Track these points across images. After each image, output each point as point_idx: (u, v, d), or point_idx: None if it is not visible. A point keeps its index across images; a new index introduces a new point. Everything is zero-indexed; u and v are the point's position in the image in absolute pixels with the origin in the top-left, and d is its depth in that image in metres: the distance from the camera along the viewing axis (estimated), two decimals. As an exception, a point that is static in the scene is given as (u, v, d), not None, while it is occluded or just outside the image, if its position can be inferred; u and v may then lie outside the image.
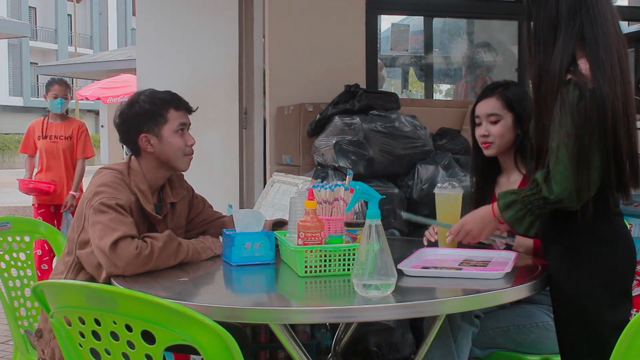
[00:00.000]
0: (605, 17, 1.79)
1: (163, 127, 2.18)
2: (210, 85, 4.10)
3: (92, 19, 36.07)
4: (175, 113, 2.21)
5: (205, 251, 2.15)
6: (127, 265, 1.90)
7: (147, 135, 2.17)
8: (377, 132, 3.09)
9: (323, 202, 2.00)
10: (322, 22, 3.76)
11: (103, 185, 2.06)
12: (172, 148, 2.19)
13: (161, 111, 2.18)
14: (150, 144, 2.18)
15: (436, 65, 5.44)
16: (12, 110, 31.79)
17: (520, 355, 2.18)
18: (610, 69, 1.75)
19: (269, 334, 2.96)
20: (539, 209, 1.80)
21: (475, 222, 1.99)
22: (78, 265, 2.09)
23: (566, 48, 1.77)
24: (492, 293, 1.69)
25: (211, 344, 1.34)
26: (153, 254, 1.94)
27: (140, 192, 2.13)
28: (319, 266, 1.86)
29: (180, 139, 2.21)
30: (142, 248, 1.93)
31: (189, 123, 2.27)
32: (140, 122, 2.18)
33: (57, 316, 1.49)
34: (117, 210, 1.99)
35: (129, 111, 2.19)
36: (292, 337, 1.70)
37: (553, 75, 1.76)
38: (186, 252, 2.07)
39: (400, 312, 1.66)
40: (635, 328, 1.28)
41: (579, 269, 1.80)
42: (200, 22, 4.13)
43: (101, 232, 1.95)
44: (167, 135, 2.18)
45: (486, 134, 2.29)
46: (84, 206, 2.08)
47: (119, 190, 2.06)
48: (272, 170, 3.59)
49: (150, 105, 2.18)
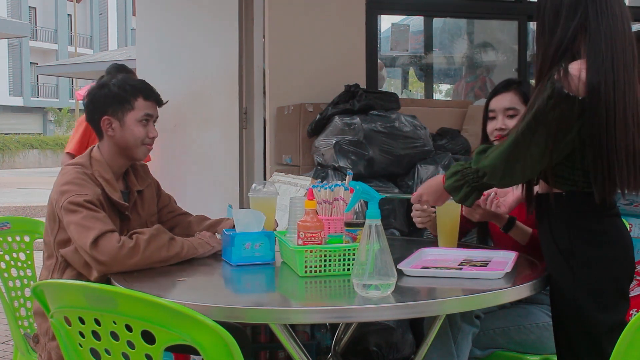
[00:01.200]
0: (613, 11, 1.77)
1: (128, 113, 2.17)
2: (210, 85, 4.10)
3: (92, 19, 36.10)
4: (143, 102, 2.19)
5: (202, 246, 2.13)
6: (111, 261, 1.90)
7: (110, 119, 2.17)
8: (377, 132, 3.09)
9: (323, 202, 2.00)
10: (322, 22, 3.76)
11: (67, 184, 2.06)
12: (133, 136, 2.18)
13: (129, 98, 2.17)
14: (111, 127, 2.17)
15: (436, 65, 5.44)
16: (12, 110, 31.82)
17: (521, 355, 2.18)
18: (611, 64, 1.72)
19: (269, 334, 2.96)
20: (473, 181, 1.87)
21: (430, 193, 2.04)
22: (62, 264, 2.08)
23: (564, 37, 1.77)
24: (492, 293, 1.69)
25: (211, 344, 1.34)
26: (138, 246, 1.93)
27: (105, 182, 2.12)
28: (319, 266, 1.86)
29: (143, 129, 2.20)
30: (125, 241, 1.93)
31: (155, 115, 2.26)
32: (106, 104, 2.17)
33: (57, 316, 1.49)
34: (87, 207, 1.98)
35: (98, 92, 2.19)
36: (292, 337, 1.70)
37: (547, 64, 1.78)
38: (181, 247, 2.05)
39: (400, 312, 1.66)
40: (635, 328, 1.28)
41: (573, 270, 1.80)
42: (200, 22, 4.13)
43: (78, 232, 1.95)
44: (130, 122, 2.17)
45: (503, 127, 2.31)
46: (53, 207, 2.07)
47: (84, 186, 2.05)
48: (272, 170, 3.59)
49: (120, 90, 2.17)
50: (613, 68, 1.72)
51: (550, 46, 1.79)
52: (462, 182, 1.89)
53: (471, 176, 1.87)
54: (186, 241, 2.09)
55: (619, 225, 1.86)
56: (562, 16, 1.78)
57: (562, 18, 1.78)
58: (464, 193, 1.89)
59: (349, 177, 2.16)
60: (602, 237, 1.81)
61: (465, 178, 1.88)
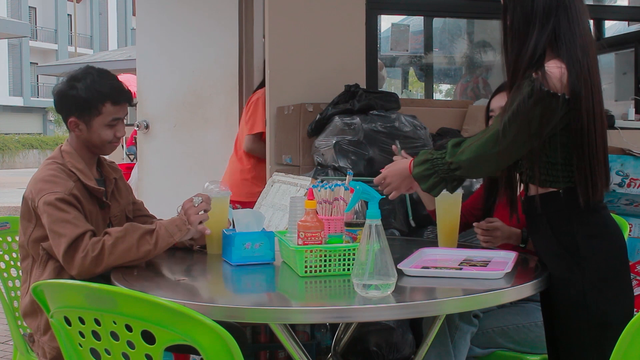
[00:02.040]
0: (581, 18, 1.82)
1: (95, 118, 2.15)
2: (210, 85, 4.10)
3: (92, 19, 36.08)
4: (111, 107, 2.16)
5: (179, 230, 2.02)
6: (80, 272, 1.93)
7: (76, 121, 2.16)
8: (377, 132, 3.09)
9: (323, 202, 2.00)
10: (322, 22, 3.76)
11: (39, 182, 2.07)
12: (99, 138, 2.17)
13: (97, 104, 2.13)
14: (78, 128, 2.17)
15: (436, 65, 5.45)
16: (12, 110, 31.81)
17: (520, 354, 2.19)
18: (587, 70, 1.78)
19: (269, 334, 2.96)
20: (443, 172, 1.88)
21: (395, 176, 2.05)
22: (44, 257, 2.08)
23: (537, 44, 1.80)
24: (492, 293, 1.69)
25: (211, 344, 1.34)
26: (103, 253, 1.93)
27: (78, 171, 2.12)
28: (319, 266, 1.86)
29: (110, 131, 2.18)
30: (89, 251, 1.93)
31: (124, 115, 2.23)
32: (72, 107, 2.15)
33: (57, 316, 1.49)
34: (57, 207, 1.98)
35: (66, 92, 2.15)
36: (292, 337, 1.70)
37: (519, 69, 1.81)
38: (154, 243, 1.98)
39: (400, 312, 1.66)
40: (636, 328, 1.28)
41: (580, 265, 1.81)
42: (200, 22, 4.13)
43: (52, 239, 1.98)
44: (97, 126, 2.16)
45: None
46: (28, 204, 2.09)
47: (55, 183, 2.05)
48: (272, 170, 3.59)
49: (87, 95, 2.13)
50: (590, 75, 1.78)
51: (524, 51, 1.81)
52: (432, 171, 1.90)
53: (442, 167, 1.88)
54: (159, 231, 2.01)
55: (611, 216, 1.92)
56: (534, 24, 1.81)
57: (535, 26, 1.81)
58: (432, 183, 1.91)
59: (349, 177, 2.16)
60: (603, 228, 1.85)
61: (435, 168, 1.89)
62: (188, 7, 4.20)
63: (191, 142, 4.19)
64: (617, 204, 3.31)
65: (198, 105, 4.15)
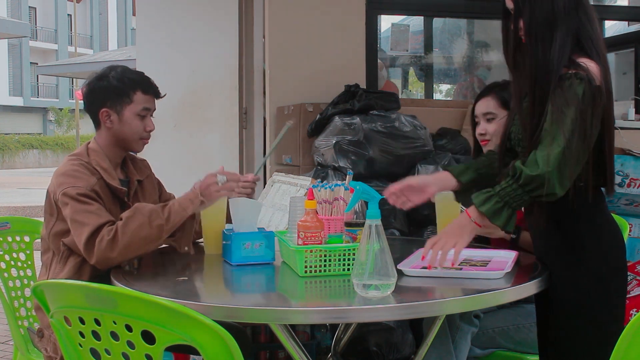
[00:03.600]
0: (595, 16, 1.83)
1: (126, 107, 2.17)
2: (210, 85, 4.10)
3: (92, 19, 36.09)
4: (142, 96, 2.18)
5: (192, 202, 2.04)
6: (98, 258, 1.93)
7: (108, 111, 2.17)
8: (377, 132, 3.09)
9: (323, 202, 2.00)
10: (322, 22, 3.76)
11: (61, 176, 2.07)
12: (130, 129, 2.18)
13: (128, 91, 2.16)
14: (110, 120, 2.18)
15: (436, 65, 5.44)
16: (12, 110, 31.81)
17: (520, 354, 2.19)
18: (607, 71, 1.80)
19: (269, 334, 2.97)
20: (515, 200, 1.75)
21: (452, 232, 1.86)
22: (65, 253, 2.08)
23: (564, 44, 1.78)
24: (492, 293, 1.69)
25: (211, 344, 1.34)
26: (116, 235, 1.93)
27: (102, 170, 2.12)
28: (319, 266, 1.86)
29: (140, 123, 2.20)
30: (105, 235, 1.93)
31: (153, 108, 2.25)
32: (105, 96, 2.17)
33: (57, 316, 1.49)
34: (79, 201, 1.99)
35: (97, 84, 2.19)
36: (292, 337, 1.70)
37: (551, 71, 1.77)
38: (166, 217, 1.99)
39: (400, 313, 1.66)
40: (636, 328, 1.28)
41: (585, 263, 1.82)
42: (200, 22, 4.13)
43: (74, 229, 1.98)
44: (128, 116, 2.17)
45: (483, 132, 2.36)
46: (51, 199, 2.09)
47: (77, 177, 2.05)
48: (272, 170, 3.59)
49: (119, 82, 2.16)
50: (608, 75, 1.79)
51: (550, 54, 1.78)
52: (502, 203, 1.77)
53: (512, 194, 1.75)
54: (172, 206, 2.02)
55: (612, 216, 1.92)
56: (555, 25, 1.79)
57: (557, 27, 1.78)
58: (506, 215, 1.77)
59: (349, 177, 2.16)
60: (607, 228, 1.87)
61: (504, 199, 1.76)
62: (188, 7, 4.20)
63: (191, 142, 4.19)
64: (617, 204, 3.31)
65: (198, 106, 4.15)
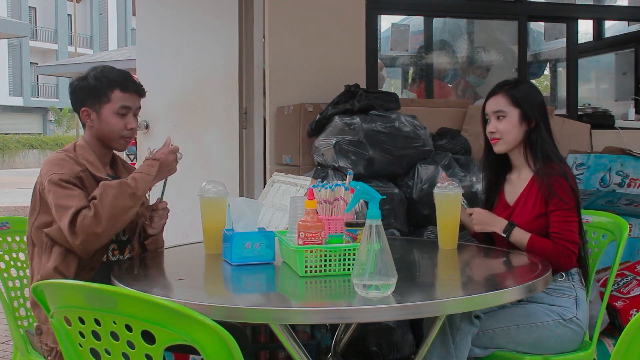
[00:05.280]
0: None
1: (104, 105, 2.21)
2: (210, 85, 4.10)
3: (92, 19, 36.09)
4: (120, 94, 2.21)
5: (152, 166, 2.15)
6: (83, 238, 1.98)
7: (88, 110, 2.23)
8: (377, 132, 3.09)
9: (323, 202, 2.00)
10: (322, 22, 3.76)
11: (46, 165, 2.14)
12: (109, 128, 2.22)
13: (105, 90, 2.20)
14: (90, 118, 2.23)
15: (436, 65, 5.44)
16: (12, 110, 31.81)
17: (520, 355, 2.18)
18: None
19: (269, 334, 2.96)
20: None
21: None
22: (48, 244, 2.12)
23: None
24: (492, 293, 1.69)
25: (211, 344, 1.34)
26: (97, 210, 1.98)
27: (89, 163, 2.18)
28: (319, 266, 1.86)
29: (120, 121, 2.23)
30: (85, 214, 1.98)
31: (135, 106, 2.27)
32: (84, 96, 2.22)
33: (57, 316, 1.49)
34: (61, 186, 2.05)
35: (78, 84, 2.25)
36: (292, 337, 1.70)
37: None
38: (135, 183, 2.08)
39: (400, 313, 1.66)
40: (636, 328, 1.28)
41: None
42: (200, 22, 4.13)
43: (57, 213, 2.04)
44: (107, 114, 2.21)
45: (493, 131, 2.37)
46: (36, 192, 2.16)
47: (62, 165, 2.11)
48: (272, 170, 3.59)
49: (97, 82, 2.21)
50: None
51: None
52: None
53: None
54: (136, 174, 2.12)
55: None
56: None
57: None
58: None
59: (349, 177, 2.16)
60: None
61: None
62: (188, 8, 4.20)
63: (191, 142, 4.18)
64: (617, 204, 3.31)
65: (198, 105, 4.14)
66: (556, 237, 2.23)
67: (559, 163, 2.31)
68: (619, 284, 3.06)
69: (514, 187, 2.41)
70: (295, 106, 3.48)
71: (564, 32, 4.45)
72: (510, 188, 2.43)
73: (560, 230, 2.23)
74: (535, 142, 2.33)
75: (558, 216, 2.24)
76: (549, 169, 2.28)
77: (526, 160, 2.37)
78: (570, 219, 2.24)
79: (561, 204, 2.24)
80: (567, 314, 2.21)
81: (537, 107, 2.35)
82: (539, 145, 2.32)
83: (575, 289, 2.27)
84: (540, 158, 2.32)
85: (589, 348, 2.24)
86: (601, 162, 3.32)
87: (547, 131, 2.35)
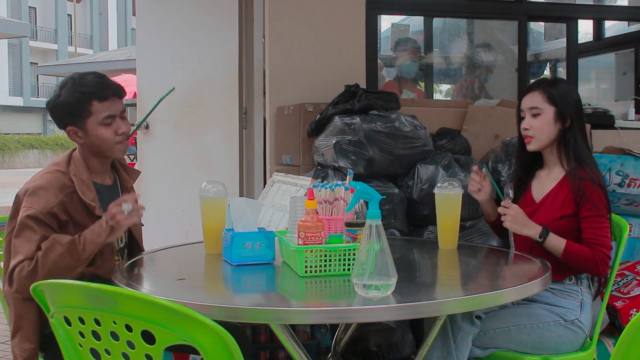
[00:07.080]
0: None
1: (87, 120, 2.10)
2: (210, 85, 4.10)
3: (92, 19, 36.07)
4: (99, 105, 2.10)
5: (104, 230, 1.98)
6: (18, 288, 1.94)
7: (73, 129, 2.12)
8: (377, 132, 3.09)
9: (323, 202, 2.00)
10: (322, 22, 3.76)
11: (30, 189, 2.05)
12: (100, 140, 2.12)
13: (83, 105, 2.09)
14: (78, 136, 2.13)
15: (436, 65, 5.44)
16: (12, 110, 31.81)
17: (521, 355, 2.18)
18: None
19: (269, 334, 2.96)
20: None
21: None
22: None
23: None
24: (493, 293, 1.69)
25: (211, 344, 1.34)
26: (37, 266, 1.93)
27: (79, 181, 2.09)
28: (319, 266, 1.86)
29: (108, 130, 2.12)
30: (25, 265, 1.93)
31: (119, 110, 2.15)
32: (64, 116, 2.12)
33: (57, 316, 1.49)
34: (25, 225, 1.98)
35: (55, 101, 2.12)
36: (292, 337, 1.70)
37: None
38: (82, 245, 1.96)
39: (400, 313, 1.66)
40: (636, 328, 1.28)
41: None
42: (200, 22, 4.13)
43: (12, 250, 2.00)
44: (92, 128, 2.11)
45: (527, 127, 2.34)
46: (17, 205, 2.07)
47: (39, 197, 2.01)
48: (272, 170, 3.59)
49: (72, 97, 2.09)
50: None
51: None
52: None
53: None
54: (86, 235, 1.99)
55: None
56: None
57: None
58: None
59: (349, 177, 2.16)
60: None
61: None
62: (188, 8, 4.20)
63: (191, 142, 4.19)
64: (617, 204, 3.31)
65: (198, 105, 4.14)
66: (592, 243, 2.21)
67: (592, 167, 2.28)
68: (619, 284, 3.06)
69: (543, 184, 2.38)
70: (295, 106, 3.48)
71: (564, 32, 4.46)
72: (538, 185, 2.40)
73: (596, 237, 2.20)
74: (569, 142, 2.30)
75: (593, 222, 2.22)
76: (582, 172, 2.25)
77: (559, 158, 2.34)
78: (604, 225, 2.22)
79: (595, 210, 2.21)
80: (569, 315, 2.21)
81: (574, 106, 2.32)
82: (572, 145, 2.30)
83: (582, 293, 2.27)
84: (572, 159, 2.29)
85: (589, 348, 2.24)
86: (601, 162, 3.32)
87: (581, 132, 2.32)
